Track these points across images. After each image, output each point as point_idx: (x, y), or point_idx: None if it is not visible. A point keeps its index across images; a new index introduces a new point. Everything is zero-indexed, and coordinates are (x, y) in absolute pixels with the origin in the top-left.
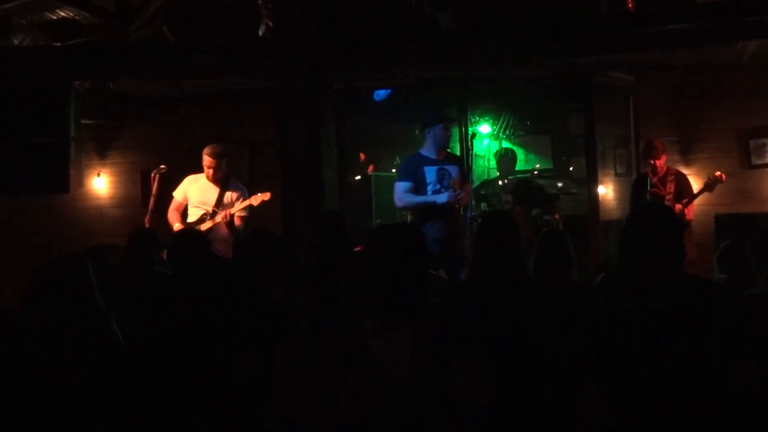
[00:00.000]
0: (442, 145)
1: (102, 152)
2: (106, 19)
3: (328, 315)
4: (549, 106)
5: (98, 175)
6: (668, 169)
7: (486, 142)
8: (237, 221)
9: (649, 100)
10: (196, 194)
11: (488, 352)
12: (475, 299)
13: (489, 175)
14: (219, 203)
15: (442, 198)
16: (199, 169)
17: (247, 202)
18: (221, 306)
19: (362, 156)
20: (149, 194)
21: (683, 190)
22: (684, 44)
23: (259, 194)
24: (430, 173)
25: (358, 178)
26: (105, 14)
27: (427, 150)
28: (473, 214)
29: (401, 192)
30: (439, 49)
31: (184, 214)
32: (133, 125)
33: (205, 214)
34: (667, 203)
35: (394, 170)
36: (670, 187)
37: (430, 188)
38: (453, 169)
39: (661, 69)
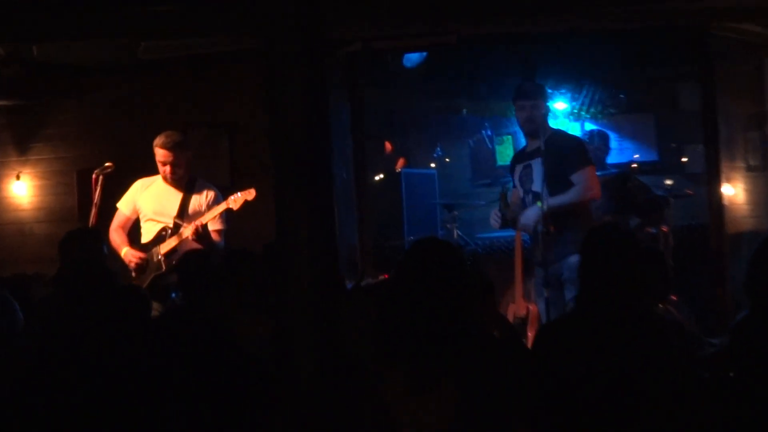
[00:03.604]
0: (521, 131)
1: (22, 145)
2: None
3: (334, 370)
4: (652, 73)
5: (17, 177)
6: None
7: (563, 123)
8: (214, 235)
9: None
10: (150, 203)
11: (567, 417)
12: (562, 342)
13: None
14: (183, 213)
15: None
16: (155, 168)
17: (223, 206)
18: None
19: (388, 146)
20: (90, 203)
21: None
22: None
23: (239, 193)
24: (516, 173)
25: (381, 176)
26: None
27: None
28: (543, 229)
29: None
30: None
31: (133, 233)
32: (67, 107)
33: (164, 229)
34: None
35: (432, 165)
36: None
37: (521, 193)
38: (538, 165)
39: None
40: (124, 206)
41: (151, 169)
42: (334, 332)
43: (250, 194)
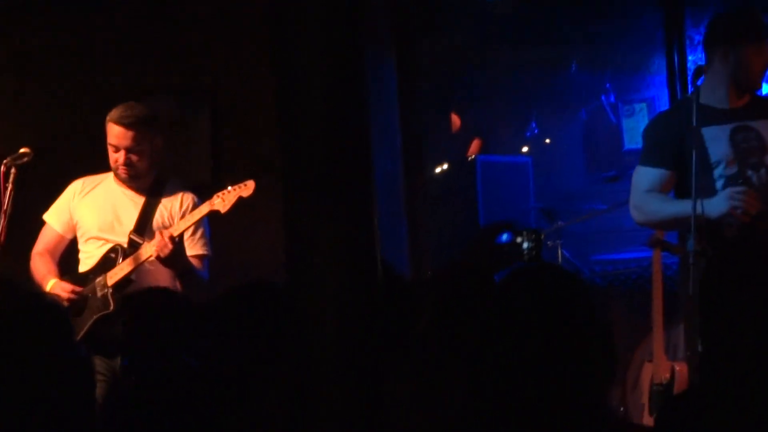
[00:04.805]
0: (747, 82)
1: None
2: None
3: None
4: None
5: None
6: None
7: None
8: (195, 261)
9: None
10: (93, 213)
11: None
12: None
13: None
14: (143, 226)
15: (717, 205)
16: (101, 158)
17: (204, 208)
18: None
19: (456, 120)
20: None
21: None
22: None
23: (230, 187)
24: (718, 140)
25: (445, 167)
26: None
27: (709, 91)
28: (697, 247)
29: (642, 189)
30: None
31: (68, 260)
32: None
33: (113, 249)
34: None
35: (525, 149)
36: None
37: (719, 174)
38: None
39: None
40: (55, 219)
41: (91, 159)
42: (377, 405)
43: (247, 188)
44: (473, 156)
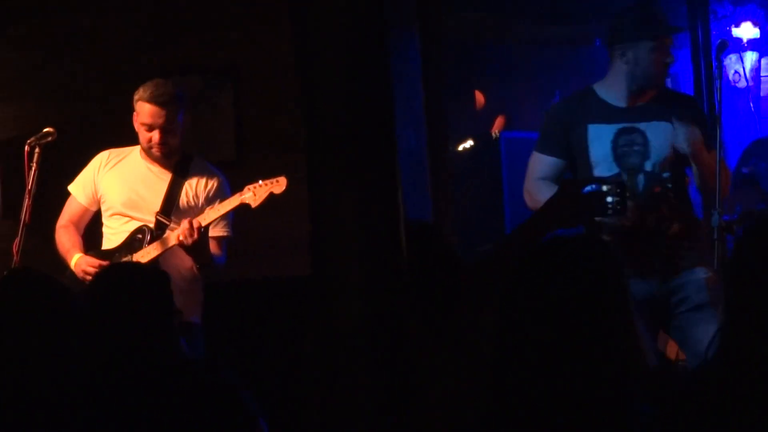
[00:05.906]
0: (645, 80)
1: None
2: None
3: None
4: None
5: None
6: None
7: (753, 59)
8: (214, 247)
9: None
10: (118, 188)
11: None
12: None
13: None
14: (169, 206)
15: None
16: (127, 136)
17: (234, 201)
18: None
19: (480, 97)
20: (21, 190)
21: None
22: None
23: (261, 182)
24: (600, 140)
25: (469, 144)
26: None
27: (608, 87)
28: (726, 217)
29: (534, 177)
30: None
31: (92, 234)
32: None
33: (140, 230)
34: None
35: None
36: None
37: (596, 175)
38: (658, 131)
39: None
40: (79, 191)
41: (114, 139)
42: (404, 393)
43: (279, 185)
44: (497, 133)
